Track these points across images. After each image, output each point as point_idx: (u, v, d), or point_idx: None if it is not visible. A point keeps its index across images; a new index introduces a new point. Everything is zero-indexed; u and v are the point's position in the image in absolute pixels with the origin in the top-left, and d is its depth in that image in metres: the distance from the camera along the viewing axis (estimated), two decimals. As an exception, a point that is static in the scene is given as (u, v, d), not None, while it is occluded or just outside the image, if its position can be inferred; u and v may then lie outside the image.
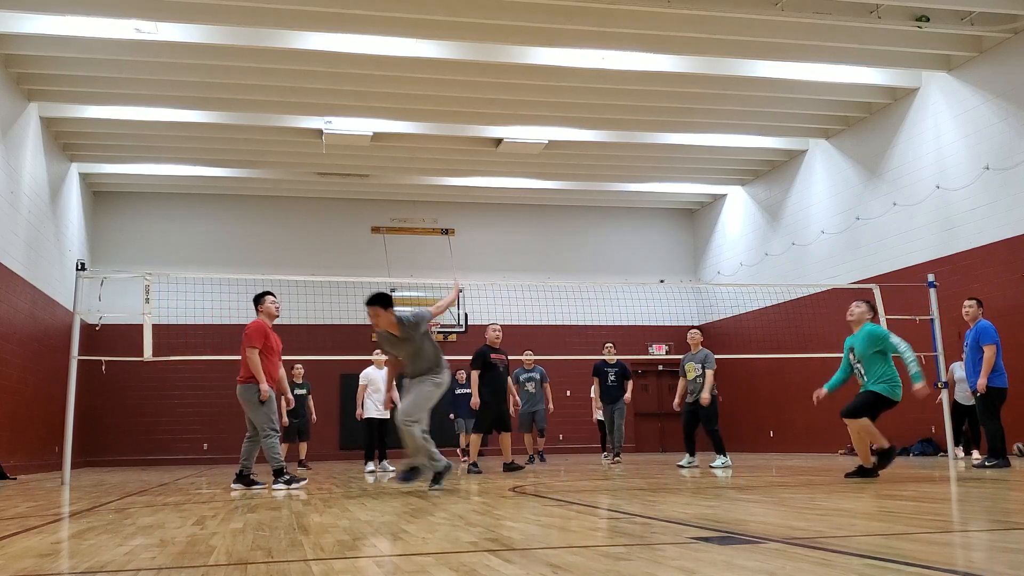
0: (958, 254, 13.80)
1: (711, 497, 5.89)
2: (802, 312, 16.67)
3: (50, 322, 15.49)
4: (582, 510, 5.12)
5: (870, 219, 15.90)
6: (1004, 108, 13.03)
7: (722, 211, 21.43)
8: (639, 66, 13.70)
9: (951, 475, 8.24)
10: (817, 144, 17.64)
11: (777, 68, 14.15)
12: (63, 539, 4.20)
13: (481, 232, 21.51)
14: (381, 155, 17.86)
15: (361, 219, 20.88)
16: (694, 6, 11.78)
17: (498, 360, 10.86)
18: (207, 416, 19.11)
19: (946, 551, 3.20)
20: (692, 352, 11.31)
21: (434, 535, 3.92)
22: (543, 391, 14.54)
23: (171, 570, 3.08)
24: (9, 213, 13.29)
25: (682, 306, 20.28)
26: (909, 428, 14.64)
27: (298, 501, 6.32)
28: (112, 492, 8.13)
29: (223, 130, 16.14)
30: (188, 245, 19.42)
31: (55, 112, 15.19)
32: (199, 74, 13.66)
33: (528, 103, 15.24)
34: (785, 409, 18.38)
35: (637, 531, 4.04)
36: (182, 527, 4.53)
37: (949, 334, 13.23)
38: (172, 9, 11.48)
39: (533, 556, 3.17)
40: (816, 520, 4.18)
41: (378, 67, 13.45)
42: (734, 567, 2.81)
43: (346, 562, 3.14)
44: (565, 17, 11.94)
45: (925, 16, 12.39)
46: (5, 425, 12.82)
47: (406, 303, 20.25)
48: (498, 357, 10.87)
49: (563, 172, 19.42)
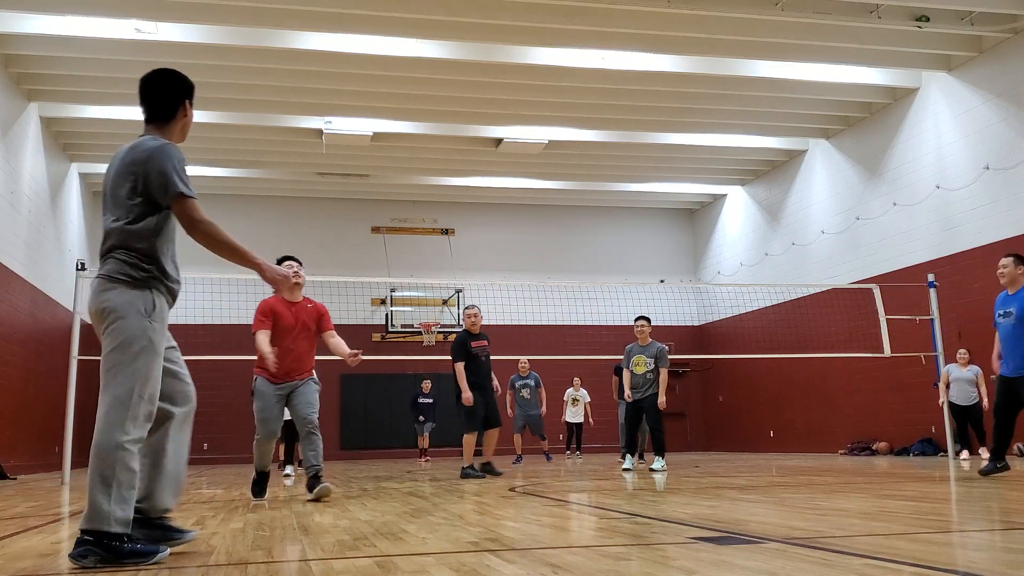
0: (958, 254, 13.80)
1: (711, 497, 5.89)
2: (802, 312, 16.68)
3: (50, 322, 15.49)
4: (582, 510, 5.12)
5: (870, 219, 15.90)
6: (1004, 108, 13.03)
7: (722, 211, 21.43)
8: (639, 66, 13.70)
9: (951, 475, 8.23)
10: (817, 144, 17.64)
11: (777, 68, 14.14)
12: (63, 539, 4.20)
13: (481, 232, 21.51)
14: (381, 155, 17.86)
15: (361, 219, 20.88)
16: (694, 6, 11.78)
17: (480, 349, 9.84)
18: (207, 416, 19.01)
19: (946, 551, 3.20)
20: (640, 344, 10.26)
21: (434, 535, 3.92)
22: (538, 396, 14.74)
23: (171, 570, 3.08)
24: (9, 213, 13.29)
25: (682, 306, 20.28)
26: (909, 428, 14.65)
27: (298, 501, 6.31)
28: (112, 492, 8.10)
29: (223, 130, 16.13)
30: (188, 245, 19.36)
31: (55, 112, 15.18)
32: (199, 74, 13.55)
33: (528, 103, 15.24)
34: (785, 409, 18.39)
35: (637, 531, 4.04)
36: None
37: (949, 334, 13.24)
38: (172, 9, 11.48)
39: (533, 556, 3.17)
40: (816, 520, 4.18)
41: (378, 67, 13.45)
42: (734, 567, 2.81)
43: (346, 562, 3.14)
44: (565, 17, 11.94)
45: (925, 16, 12.39)
46: (5, 425, 12.82)
47: (406, 303, 20.30)
48: (479, 344, 9.86)
49: (563, 172, 19.42)
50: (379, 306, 19.93)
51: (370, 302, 19.66)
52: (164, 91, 3.67)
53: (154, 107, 3.65)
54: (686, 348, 21.18)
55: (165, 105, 3.63)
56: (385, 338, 19.94)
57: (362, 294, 18.42)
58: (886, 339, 12.76)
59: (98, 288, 3.34)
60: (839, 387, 16.64)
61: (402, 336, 19.84)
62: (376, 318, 19.86)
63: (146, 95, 3.68)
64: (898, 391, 14.98)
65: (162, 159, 3.35)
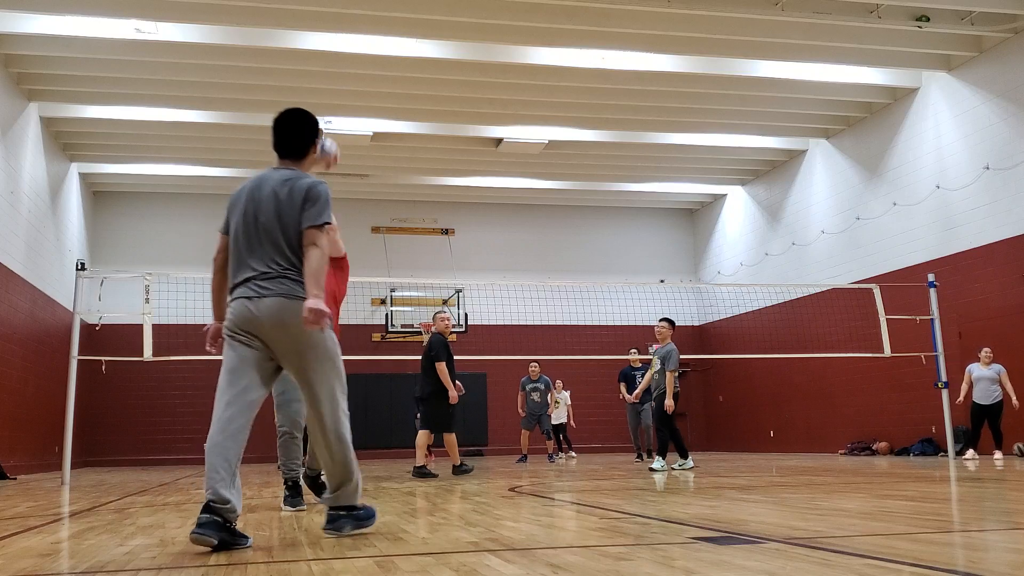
0: (958, 254, 13.80)
1: (711, 497, 5.89)
2: (802, 312, 16.67)
3: (50, 322, 15.49)
4: (582, 510, 5.12)
5: (870, 219, 15.90)
6: (1004, 108, 13.03)
7: (722, 211, 21.43)
8: (639, 66, 13.70)
9: (951, 475, 8.23)
10: (817, 144, 17.64)
11: (777, 68, 14.15)
12: (63, 539, 4.20)
13: (481, 232, 21.51)
14: (381, 155, 17.85)
15: (361, 219, 20.86)
16: (694, 6, 11.78)
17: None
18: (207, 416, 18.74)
19: (946, 551, 3.20)
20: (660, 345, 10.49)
21: (434, 535, 3.92)
22: (548, 399, 15.04)
23: (171, 570, 3.08)
24: (9, 213, 13.29)
25: (682, 306, 20.26)
26: (909, 428, 14.65)
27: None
28: (112, 492, 8.12)
29: (223, 130, 16.14)
30: (188, 245, 19.41)
31: (55, 112, 15.18)
32: (199, 74, 13.66)
33: (528, 103, 15.24)
34: (785, 409, 18.39)
35: (637, 531, 4.04)
36: (182, 527, 4.52)
37: (949, 334, 13.24)
38: (172, 9, 11.48)
39: (533, 556, 3.17)
40: (816, 520, 4.18)
41: (378, 67, 13.45)
42: (734, 567, 2.81)
43: (346, 562, 3.14)
44: (565, 17, 11.94)
45: (925, 16, 12.39)
46: (5, 425, 12.82)
47: (406, 303, 20.30)
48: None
49: (563, 172, 19.42)
50: (379, 306, 19.93)
51: (370, 302, 19.65)
52: (299, 133, 4.00)
53: (289, 146, 4.00)
54: (686, 348, 21.10)
55: (300, 145, 3.99)
56: (385, 338, 19.94)
57: (362, 294, 18.40)
58: (886, 339, 12.75)
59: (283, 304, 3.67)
60: (839, 387, 16.63)
61: (402, 336, 19.83)
62: (376, 318, 19.86)
63: (281, 134, 4.03)
64: (898, 391, 14.98)
65: (323, 192, 3.80)
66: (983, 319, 13.27)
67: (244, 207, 3.87)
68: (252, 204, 3.85)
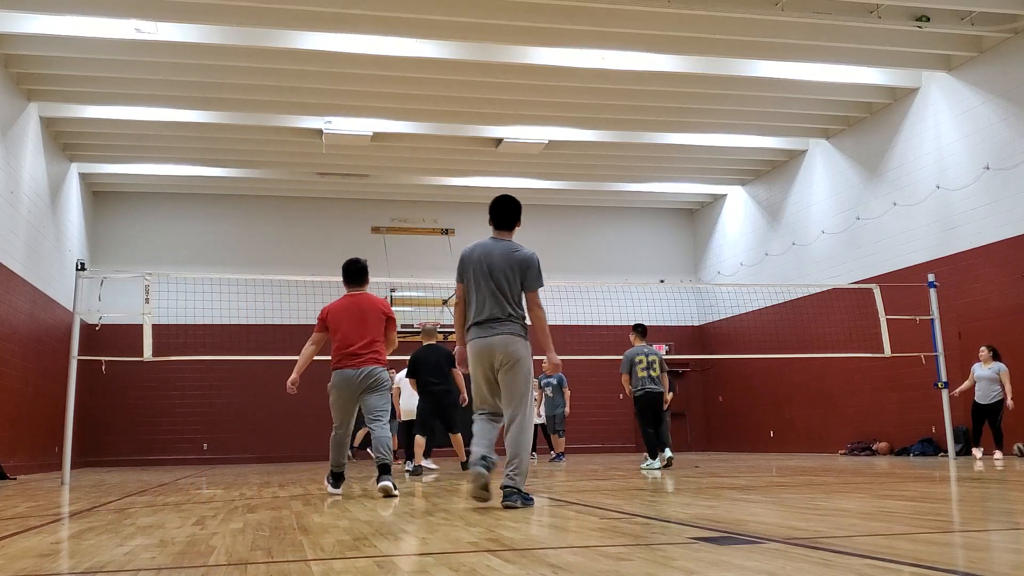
0: (958, 254, 13.80)
1: (711, 497, 5.89)
2: (802, 312, 16.67)
3: (50, 322, 15.49)
4: (582, 510, 5.12)
5: (870, 219, 15.90)
6: (1004, 108, 13.03)
7: (722, 211, 21.42)
8: (639, 66, 13.70)
9: (951, 475, 8.23)
10: (817, 144, 17.64)
11: (777, 68, 14.14)
12: (63, 539, 4.20)
13: (481, 232, 20.86)
14: (381, 155, 17.85)
15: (361, 219, 20.87)
16: (694, 6, 11.78)
17: None
18: (207, 416, 19.11)
19: (946, 551, 3.20)
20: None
21: (434, 535, 3.92)
22: (562, 395, 15.11)
23: (171, 570, 3.08)
24: (9, 213, 13.29)
25: (682, 306, 20.27)
26: (909, 428, 14.65)
27: (298, 501, 6.31)
28: (112, 492, 8.12)
29: (223, 130, 16.13)
30: (188, 245, 19.41)
31: (55, 112, 15.18)
32: (199, 74, 13.66)
33: (528, 103, 15.24)
34: (785, 409, 18.39)
35: (637, 531, 4.04)
36: (182, 527, 4.53)
37: (949, 334, 13.24)
38: (172, 9, 11.48)
39: (533, 556, 3.17)
40: (816, 520, 4.18)
41: (378, 67, 13.45)
42: (734, 567, 2.81)
43: (346, 562, 3.14)
44: (565, 17, 11.94)
45: (925, 16, 12.39)
46: (5, 425, 12.82)
47: (406, 303, 20.29)
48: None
49: (563, 172, 19.42)
50: (379, 306, 19.90)
51: (370, 302, 19.62)
52: (513, 214, 5.60)
53: (505, 222, 5.60)
54: (686, 348, 21.18)
55: (512, 222, 5.60)
56: (385, 338, 19.91)
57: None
58: (886, 339, 12.75)
59: (511, 341, 5.24)
60: (839, 387, 16.63)
61: (402, 336, 19.79)
62: (376, 318, 19.83)
63: (500, 213, 5.62)
64: (898, 391, 14.98)
65: (535, 262, 5.40)
66: (983, 319, 13.27)
67: (476, 267, 5.44)
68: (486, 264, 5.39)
